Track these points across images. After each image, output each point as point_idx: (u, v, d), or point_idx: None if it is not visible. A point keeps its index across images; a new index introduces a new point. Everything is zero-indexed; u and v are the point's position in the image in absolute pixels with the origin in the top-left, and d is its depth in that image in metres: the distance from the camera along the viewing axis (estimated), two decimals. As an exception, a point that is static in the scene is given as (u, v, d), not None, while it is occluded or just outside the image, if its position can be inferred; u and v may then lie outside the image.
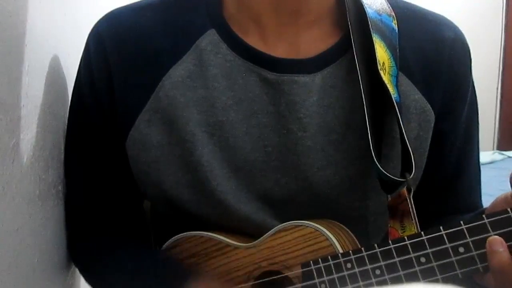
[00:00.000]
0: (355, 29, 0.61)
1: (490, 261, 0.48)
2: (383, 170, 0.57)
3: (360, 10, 0.62)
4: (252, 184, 0.61)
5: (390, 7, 0.65)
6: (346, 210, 0.62)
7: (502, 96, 3.73)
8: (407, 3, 0.68)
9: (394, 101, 0.58)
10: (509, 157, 3.20)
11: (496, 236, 0.48)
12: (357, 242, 0.58)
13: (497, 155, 3.18)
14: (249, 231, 0.61)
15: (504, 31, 3.68)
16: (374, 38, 0.60)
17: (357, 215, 0.63)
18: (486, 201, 0.73)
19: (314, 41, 0.62)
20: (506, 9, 3.67)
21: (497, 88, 3.73)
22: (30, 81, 0.54)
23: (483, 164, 0.72)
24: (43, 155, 0.58)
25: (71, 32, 0.75)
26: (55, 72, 0.65)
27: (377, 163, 0.57)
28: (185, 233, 0.63)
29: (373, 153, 0.57)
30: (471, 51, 0.68)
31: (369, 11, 0.62)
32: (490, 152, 3.19)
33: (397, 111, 0.58)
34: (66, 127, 0.67)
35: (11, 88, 0.49)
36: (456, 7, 3.52)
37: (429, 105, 0.63)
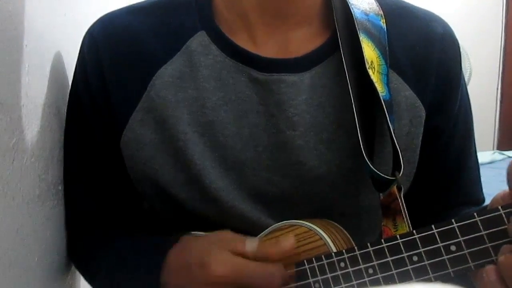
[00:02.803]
0: (342, 29, 0.61)
1: None
2: (373, 168, 0.57)
3: (347, 11, 0.63)
4: (245, 183, 0.61)
5: (379, 6, 0.65)
6: (339, 207, 0.63)
7: (502, 96, 3.74)
8: (396, 0, 0.68)
9: (382, 100, 0.59)
10: (509, 157, 3.20)
11: (492, 266, 0.47)
12: (352, 241, 0.58)
13: (497, 155, 3.18)
14: (245, 229, 0.62)
15: (504, 31, 3.68)
16: (361, 38, 0.60)
17: (350, 212, 0.63)
18: (486, 201, 0.73)
19: (302, 41, 0.62)
20: (506, 9, 3.68)
21: (497, 88, 3.74)
22: (30, 81, 0.54)
23: (483, 164, 0.73)
24: (43, 155, 0.58)
25: (71, 32, 0.75)
26: (55, 72, 0.65)
27: (367, 161, 0.57)
28: (183, 233, 0.63)
29: (363, 152, 0.57)
30: (471, 51, 0.68)
31: (356, 11, 0.62)
32: (490, 152, 3.19)
33: (385, 110, 0.58)
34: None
35: (11, 88, 0.49)
36: (456, 7, 3.52)
37: (419, 101, 0.63)
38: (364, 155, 0.57)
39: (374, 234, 0.67)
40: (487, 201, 0.72)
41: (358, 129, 0.58)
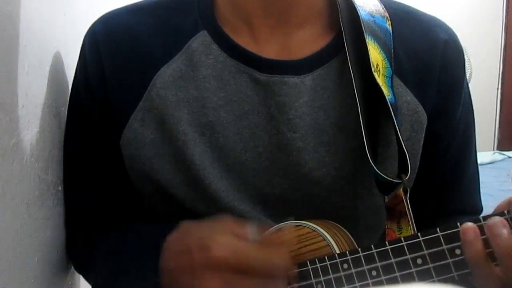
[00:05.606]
0: (347, 30, 0.61)
1: (464, 253, 0.48)
2: (379, 172, 0.57)
3: (353, 12, 0.62)
4: (245, 183, 0.61)
5: (384, 8, 0.65)
6: (337, 209, 0.63)
7: (502, 96, 3.74)
8: (401, 4, 0.68)
9: (389, 103, 0.58)
10: (509, 157, 3.21)
11: (470, 224, 0.48)
12: (355, 243, 0.58)
13: (497, 155, 3.19)
14: None
15: (504, 31, 3.69)
16: (367, 40, 0.60)
17: (347, 214, 0.63)
18: (486, 201, 0.73)
19: (305, 42, 0.62)
20: (506, 9, 3.68)
21: (497, 88, 3.74)
22: (30, 81, 0.54)
23: (483, 165, 0.73)
24: (43, 155, 0.58)
25: (71, 32, 0.75)
26: (55, 72, 0.65)
27: (373, 165, 0.57)
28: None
29: (368, 155, 0.57)
30: (471, 51, 0.68)
31: (362, 12, 0.62)
32: (490, 152, 3.20)
33: (392, 113, 0.58)
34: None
35: (11, 88, 0.49)
36: (457, 8, 3.52)
37: (421, 106, 0.63)
38: (369, 158, 0.57)
39: (371, 237, 0.67)
40: (487, 201, 0.72)
41: (363, 132, 0.57)
